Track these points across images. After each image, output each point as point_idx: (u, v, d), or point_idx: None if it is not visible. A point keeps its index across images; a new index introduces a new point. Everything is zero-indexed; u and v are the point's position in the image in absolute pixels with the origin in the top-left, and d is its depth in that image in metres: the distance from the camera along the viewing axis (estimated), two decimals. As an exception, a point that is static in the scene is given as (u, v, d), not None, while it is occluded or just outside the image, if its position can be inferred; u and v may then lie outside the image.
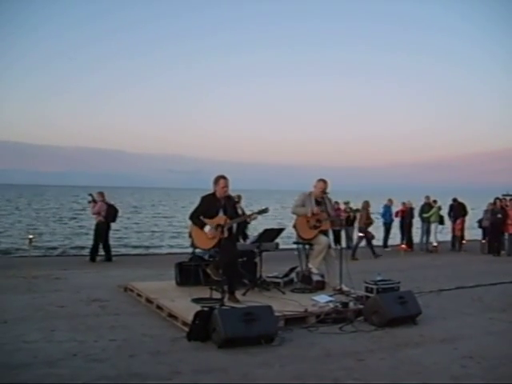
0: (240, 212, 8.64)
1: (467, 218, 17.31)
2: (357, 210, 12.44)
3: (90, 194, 12.96)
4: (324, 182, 7.78)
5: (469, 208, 17.37)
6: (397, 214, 17.13)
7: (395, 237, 18.15)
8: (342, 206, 16.28)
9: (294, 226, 7.77)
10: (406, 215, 16.80)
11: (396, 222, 17.41)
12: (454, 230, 16.99)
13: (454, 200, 17.27)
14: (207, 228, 6.57)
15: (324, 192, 7.73)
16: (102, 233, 12.63)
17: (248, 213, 8.42)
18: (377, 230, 19.45)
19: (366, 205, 14.72)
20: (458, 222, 16.71)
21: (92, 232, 13.15)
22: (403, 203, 17.15)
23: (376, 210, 19.42)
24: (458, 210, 16.93)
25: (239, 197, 8.13)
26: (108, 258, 12.80)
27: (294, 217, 7.81)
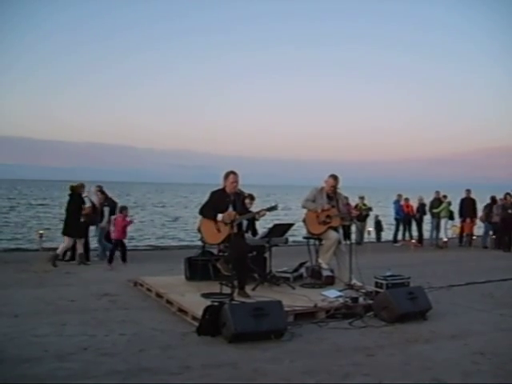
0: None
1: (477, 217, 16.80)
2: (370, 209, 10.93)
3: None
4: (334, 178, 7.68)
5: (478, 205, 16.74)
6: (401, 209, 16.97)
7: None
8: (357, 200, 16.15)
9: (304, 220, 7.76)
10: (416, 210, 16.70)
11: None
12: (462, 227, 16.75)
13: (467, 191, 16.49)
14: (220, 216, 6.51)
15: (334, 189, 7.68)
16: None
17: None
18: (390, 226, 19.36)
19: None
20: (468, 221, 16.46)
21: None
22: (406, 199, 17.00)
23: (388, 205, 19.24)
24: (469, 207, 16.39)
25: (251, 197, 7.97)
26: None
27: (304, 211, 7.78)
